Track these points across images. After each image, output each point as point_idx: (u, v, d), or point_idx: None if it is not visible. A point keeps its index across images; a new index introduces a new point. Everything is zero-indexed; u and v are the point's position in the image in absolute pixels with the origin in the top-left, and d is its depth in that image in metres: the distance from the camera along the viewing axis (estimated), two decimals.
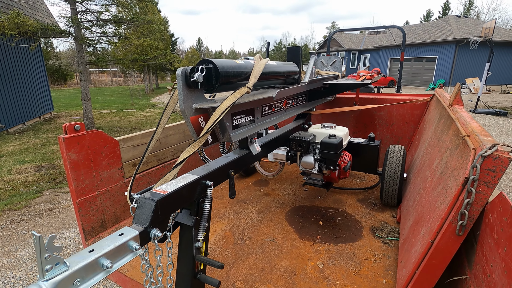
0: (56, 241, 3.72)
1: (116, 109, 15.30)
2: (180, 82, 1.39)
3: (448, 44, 21.01)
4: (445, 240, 1.28)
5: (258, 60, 1.87)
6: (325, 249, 2.24)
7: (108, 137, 2.20)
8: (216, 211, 2.85)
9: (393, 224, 2.58)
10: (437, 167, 1.89)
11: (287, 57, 2.59)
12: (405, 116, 3.60)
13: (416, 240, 1.67)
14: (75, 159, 1.98)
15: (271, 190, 3.34)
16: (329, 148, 2.40)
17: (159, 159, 2.74)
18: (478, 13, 39.59)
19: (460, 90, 2.33)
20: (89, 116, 9.64)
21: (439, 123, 2.40)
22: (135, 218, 1.23)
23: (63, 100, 19.37)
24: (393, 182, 2.68)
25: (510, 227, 0.93)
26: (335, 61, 3.68)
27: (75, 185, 2.00)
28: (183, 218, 1.50)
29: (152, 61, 10.90)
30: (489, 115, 11.85)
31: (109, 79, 41.02)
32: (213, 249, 2.27)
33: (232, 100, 1.52)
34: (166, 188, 1.35)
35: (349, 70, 30.39)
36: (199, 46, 58.27)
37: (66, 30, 8.83)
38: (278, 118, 2.37)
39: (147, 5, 11.05)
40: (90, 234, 2.15)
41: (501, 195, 1.06)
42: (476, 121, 1.73)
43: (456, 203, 1.25)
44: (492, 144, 1.14)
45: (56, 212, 4.57)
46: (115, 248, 1.06)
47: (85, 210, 2.09)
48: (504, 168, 1.11)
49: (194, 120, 1.50)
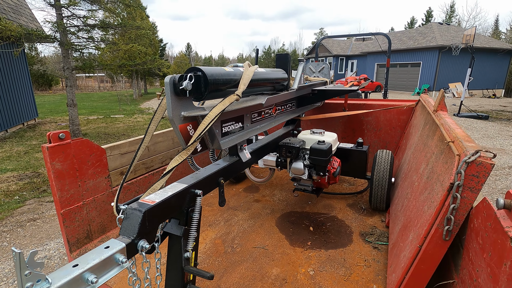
0: (38, 256, 3.59)
1: (104, 115, 15.03)
2: (169, 90, 1.37)
3: (431, 50, 21.67)
4: (432, 245, 1.30)
5: (247, 68, 1.88)
6: (315, 255, 2.24)
7: (94, 145, 2.15)
8: (206, 219, 2.82)
9: (382, 228, 2.61)
10: (423, 172, 1.93)
11: (276, 64, 2.61)
12: (392, 121, 3.68)
13: (405, 245, 1.69)
14: (59, 168, 1.92)
15: (262, 196, 3.33)
16: (319, 154, 2.41)
17: (148, 166, 2.69)
18: (459, 20, 41.08)
19: (444, 96, 2.39)
20: (75, 122, 9.44)
21: (425, 129, 2.46)
22: (122, 230, 1.20)
23: (48, 106, 18.90)
24: (381, 186, 2.71)
25: (494, 232, 0.96)
26: (324, 67, 3.73)
27: (60, 195, 1.94)
28: (172, 228, 1.47)
29: (140, 66, 10.79)
30: (472, 118, 12.23)
31: (96, 84, 40.34)
32: (203, 258, 2.24)
33: (221, 108, 1.51)
34: (154, 198, 1.32)
35: (337, 75, 30.89)
36: (188, 51, 58.15)
37: (51, 35, 8.66)
38: (268, 124, 2.37)
39: (135, 11, 10.97)
40: (75, 246, 2.08)
41: (485, 201, 1.09)
42: (459, 126, 1.77)
43: (442, 208, 1.27)
44: (476, 150, 1.17)
45: (40, 222, 4.42)
46: (101, 262, 1.03)
47: (70, 221, 2.02)
48: (487, 173, 1.14)
49: (183, 128, 1.49)
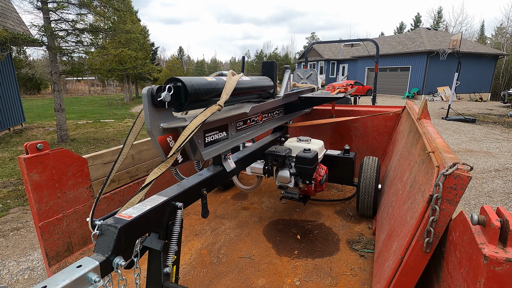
0: (22, 266, 3.48)
1: (93, 119, 14.80)
2: (146, 102, 1.34)
3: (420, 55, 22.10)
4: (413, 257, 1.29)
5: (231, 77, 1.86)
6: (302, 265, 2.22)
7: (75, 155, 2.10)
8: (192, 228, 2.77)
9: (369, 235, 2.61)
10: (407, 180, 1.94)
11: (262, 72, 2.60)
12: (379, 127, 3.70)
13: (389, 255, 1.68)
14: (37, 180, 1.87)
15: (250, 203, 3.30)
16: (304, 162, 2.41)
17: (132, 176, 2.64)
18: (446, 25, 42.01)
19: (426, 105, 2.42)
20: (63, 127, 9.26)
21: (409, 136, 2.48)
22: (96, 247, 1.16)
23: (36, 110, 18.53)
24: (368, 193, 2.72)
25: (469, 248, 0.95)
26: (311, 74, 3.75)
27: (38, 208, 1.88)
28: (151, 243, 1.43)
29: (130, 71, 10.70)
30: (459, 122, 12.48)
31: (87, 88, 39.78)
32: (188, 269, 2.20)
33: (201, 119, 1.49)
34: (132, 213, 1.29)
35: (328, 79, 31.20)
36: (180, 55, 57.96)
37: (39, 39, 8.51)
38: (254, 132, 2.36)
39: (125, 15, 10.89)
40: (54, 259, 2.01)
41: (461, 214, 1.09)
42: (440, 136, 1.79)
43: (423, 220, 1.27)
44: (453, 163, 1.18)
45: (23, 231, 4.29)
46: (72, 283, 0.99)
47: (48, 233, 1.96)
48: (464, 186, 1.14)
49: (162, 140, 1.46)
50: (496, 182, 6.01)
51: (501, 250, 0.84)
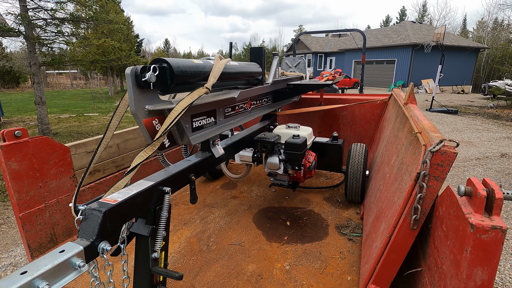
0: (4, 262, 3.36)
1: (77, 113, 14.35)
2: (130, 82, 1.29)
3: (405, 48, 22.44)
4: (401, 234, 1.31)
5: (218, 60, 1.82)
6: (292, 250, 2.24)
7: (57, 143, 2.02)
8: (181, 217, 2.74)
9: (357, 220, 2.65)
10: (394, 164, 1.96)
11: (250, 58, 2.56)
12: (367, 115, 3.74)
13: (377, 236, 1.71)
14: (16, 168, 1.78)
15: (239, 192, 3.29)
16: (293, 148, 2.40)
17: (118, 165, 2.57)
18: (431, 19, 42.75)
19: (413, 90, 2.45)
20: (45, 121, 8.94)
21: (396, 121, 2.51)
22: (80, 232, 1.12)
23: (15, 104, 17.79)
24: (356, 179, 2.75)
25: (456, 220, 0.97)
26: (299, 62, 3.73)
27: (17, 198, 1.81)
28: (139, 228, 1.40)
29: (115, 62, 10.37)
30: (442, 113, 12.82)
31: (69, 81, 38.42)
32: (177, 257, 2.17)
33: (188, 101, 1.45)
34: (117, 197, 1.25)
35: (316, 72, 31.31)
36: (166, 47, 56.72)
37: (15, 28, 8.11)
38: (242, 119, 2.33)
39: (107, 4, 10.51)
40: (37, 251, 1.94)
41: (448, 189, 1.11)
42: (427, 118, 1.81)
43: (410, 198, 1.29)
44: (440, 140, 1.19)
45: (5, 227, 4.14)
46: (54, 267, 0.95)
47: (30, 224, 1.89)
48: (451, 162, 1.16)
49: (148, 123, 1.41)
50: (477, 170, 6.22)
51: (487, 218, 0.85)
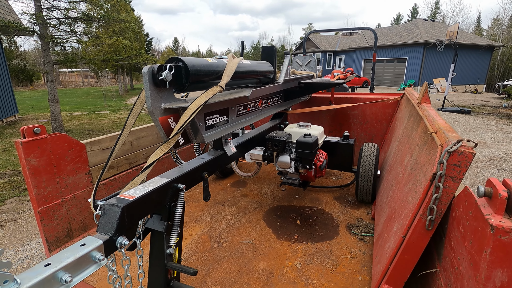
0: (20, 255, 3.47)
1: (88, 111, 14.62)
2: (147, 81, 1.32)
3: (416, 46, 22.05)
4: (415, 235, 1.31)
5: (231, 59, 1.83)
6: (302, 249, 2.24)
7: (73, 140, 2.07)
8: (192, 215, 2.77)
9: (368, 220, 2.63)
10: (407, 164, 1.95)
11: (261, 57, 2.57)
12: (378, 114, 3.71)
13: (390, 236, 1.70)
14: (35, 164, 1.84)
15: (249, 191, 3.30)
16: (305, 147, 2.40)
17: (131, 162, 2.62)
18: (443, 17, 41.89)
19: (427, 89, 2.42)
20: (58, 118, 9.14)
21: (409, 121, 2.48)
22: (99, 227, 1.15)
23: (29, 102, 18.23)
24: (367, 179, 2.74)
25: (474, 221, 0.96)
26: (310, 61, 3.72)
27: (36, 193, 1.86)
28: (154, 224, 1.43)
29: (125, 61, 10.52)
30: (455, 113, 12.58)
31: (80, 80, 39.16)
32: (189, 254, 2.20)
33: (203, 100, 1.47)
34: (134, 193, 1.28)
35: (325, 71, 31.07)
36: (175, 46, 57.18)
37: (30, 28, 8.31)
38: (254, 118, 2.34)
39: (119, 3, 10.65)
40: (54, 245, 2.00)
41: (466, 189, 1.09)
42: (442, 118, 1.79)
43: (425, 198, 1.28)
44: (457, 140, 1.18)
45: (20, 221, 4.27)
46: (76, 260, 0.98)
47: (48, 219, 1.94)
48: (468, 163, 1.14)
49: (164, 121, 1.43)
50: (490, 171, 6.09)
51: (508, 220, 0.84)
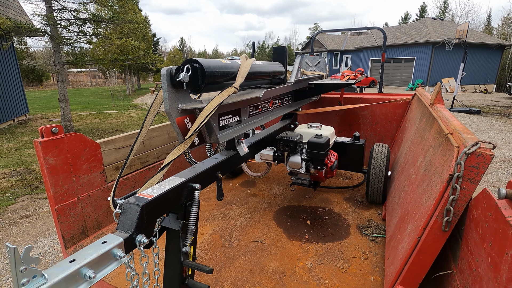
0: (33, 253, 3.54)
1: (96, 110, 14.81)
2: (165, 82, 1.34)
3: (425, 46, 21.79)
4: (431, 236, 1.30)
5: (244, 60, 1.85)
6: (313, 249, 2.25)
7: (89, 139, 2.11)
8: (203, 214, 2.80)
9: (379, 221, 2.62)
10: (420, 165, 1.94)
11: (272, 57, 2.58)
12: (388, 115, 3.69)
13: (403, 237, 1.70)
14: (53, 163, 1.88)
15: (259, 190, 3.32)
16: (316, 147, 2.41)
17: (143, 161, 2.66)
18: (452, 15, 41.33)
19: (440, 90, 2.40)
20: (68, 118, 9.29)
21: (421, 122, 2.46)
22: (119, 225, 1.17)
23: (39, 101, 18.55)
24: (378, 180, 2.73)
25: (495, 222, 0.96)
26: (320, 61, 3.71)
27: (53, 191, 1.90)
28: (170, 223, 1.45)
29: (133, 61, 10.64)
30: (464, 113, 12.39)
31: (88, 80, 39.68)
32: (200, 252, 2.23)
33: (219, 101, 1.48)
34: (152, 192, 1.30)
35: (331, 70, 30.90)
36: (182, 46, 57.50)
37: (41, 29, 8.45)
38: (265, 118, 2.35)
39: (127, 4, 10.77)
40: (70, 242, 2.05)
41: (485, 191, 1.09)
42: (457, 119, 1.78)
43: (442, 200, 1.28)
44: (475, 142, 1.17)
45: (33, 219, 4.36)
46: (98, 257, 1.00)
47: (64, 216, 1.99)
48: (486, 164, 1.14)
49: (180, 121, 1.46)
50: (501, 173, 6.00)
51: None
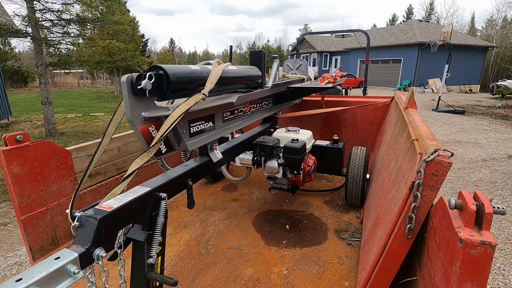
0: (10, 261, 3.43)
1: (83, 113, 14.52)
2: (126, 90, 1.31)
3: (411, 47, 22.17)
4: (396, 243, 1.31)
5: (216, 65, 1.83)
6: (290, 254, 2.24)
7: (58, 147, 2.05)
8: (181, 220, 2.76)
9: (357, 224, 2.64)
10: (393, 169, 1.95)
11: (250, 62, 2.56)
12: (369, 117, 3.72)
13: (374, 242, 1.70)
14: (18, 172, 1.82)
15: (240, 195, 3.30)
16: (292, 152, 2.40)
17: (119, 168, 2.60)
18: (438, 17, 42.18)
19: (413, 94, 2.43)
20: (51, 121, 9.07)
21: (396, 125, 2.49)
22: (76, 238, 1.14)
23: (23, 104, 18.07)
24: (356, 183, 2.74)
25: (448, 232, 0.96)
26: (301, 64, 3.72)
27: (19, 201, 1.84)
28: (135, 234, 1.42)
29: (120, 63, 10.48)
30: (449, 113, 12.65)
31: (76, 81, 38.88)
32: (176, 260, 2.19)
33: (184, 108, 1.46)
34: (113, 204, 1.27)
35: (321, 71, 31.13)
36: (171, 47, 57.02)
37: (22, 30, 8.24)
38: (242, 123, 2.33)
39: (113, 5, 10.60)
40: (38, 253, 1.98)
41: (441, 200, 1.10)
42: (425, 124, 1.80)
43: (405, 207, 1.28)
44: (434, 149, 1.18)
45: (11, 226, 4.22)
46: (49, 275, 0.97)
47: (32, 227, 1.92)
48: (445, 172, 1.15)
49: (144, 130, 1.43)
50: (483, 172, 6.13)
51: (476, 233, 0.85)
